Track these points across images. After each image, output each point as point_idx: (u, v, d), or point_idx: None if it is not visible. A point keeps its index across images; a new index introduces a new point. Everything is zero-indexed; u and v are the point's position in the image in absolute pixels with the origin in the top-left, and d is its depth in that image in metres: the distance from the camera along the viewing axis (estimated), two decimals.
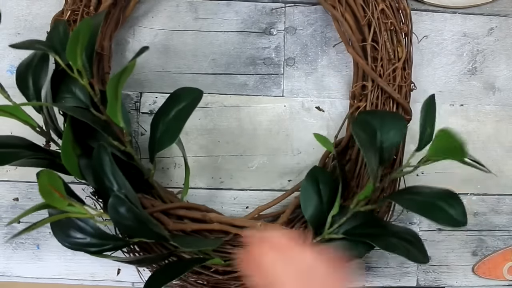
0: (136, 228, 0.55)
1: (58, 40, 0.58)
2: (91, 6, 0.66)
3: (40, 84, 0.59)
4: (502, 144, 0.77)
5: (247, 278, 0.43)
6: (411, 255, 0.58)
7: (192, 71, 0.74)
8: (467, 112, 0.77)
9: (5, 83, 0.59)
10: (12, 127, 0.67)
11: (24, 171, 0.72)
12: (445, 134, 0.50)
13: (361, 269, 0.75)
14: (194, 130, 0.74)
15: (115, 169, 0.56)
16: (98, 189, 0.59)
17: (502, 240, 0.77)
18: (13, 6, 0.73)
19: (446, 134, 0.50)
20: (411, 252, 0.58)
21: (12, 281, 0.73)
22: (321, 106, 0.75)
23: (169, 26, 0.75)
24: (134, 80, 0.73)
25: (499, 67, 0.77)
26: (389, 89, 0.66)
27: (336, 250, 0.63)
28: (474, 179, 0.76)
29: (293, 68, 0.75)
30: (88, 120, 0.55)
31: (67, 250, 0.70)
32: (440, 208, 0.55)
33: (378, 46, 0.67)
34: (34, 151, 0.59)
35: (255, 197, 0.74)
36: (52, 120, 0.61)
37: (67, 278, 0.73)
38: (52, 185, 0.50)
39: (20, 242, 0.73)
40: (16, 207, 0.73)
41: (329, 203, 0.64)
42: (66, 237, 0.57)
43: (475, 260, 0.77)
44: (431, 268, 0.76)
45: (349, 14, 0.68)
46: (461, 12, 0.77)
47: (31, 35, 0.73)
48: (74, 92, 0.59)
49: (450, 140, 0.50)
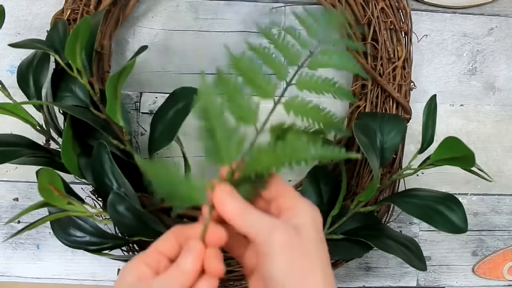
0: (135, 226, 0.55)
1: (57, 39, 0.59)
2: (91, 5, 0.66)
3: (40, 82, 0.60)
4: (502, 144, 0.77)
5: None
6: (410, 260, 0.58)
7: (192, 71, 0.74)
8: (467, 112, 0.77)
9: (5, 82, 0.59)
10: (12, 125, 0.68)
11: (24, 171, 0.72)
12: (452, 141, 0.51)
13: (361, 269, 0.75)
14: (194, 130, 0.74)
15: (115, 168, 0.56)
16: (98, 187, 0.59)
17: (502, 240, 0.76)
18: (13, 6, 0.73)
19: (454, 142, 0.50)
20: (410, 257, 0.58)
21: (12, 281, 0.73)
22: (321, 106, 0.75)
23: (169, 26, 0.75)
24: (134, 80, 0.73)
25: (499, 67, 0.77)
26: (389, 88, 0.66)
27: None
28: (474, 179, 0.75)
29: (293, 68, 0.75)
30: (88, 119, 0.56)
31: (67, 250, 0.70)
32: (440, 213, 0.56)
33: (378, 45, 0.68)
34: (34, 149, 0.59)
35: None
36: (52, 118, 0.61)
37: (67, 278, 0.73)
38: (51, 183, 0.50)
39: (20, 242, 0.73)
40: (16, 207, 0.73)
41: (330, 203, 0.64)
42: (65, 235, 0.57)
43: (475, 260, 0.76)
44: (431, 268, 0.76)
45: (349, 13, 0.69)
46: (461, 12, 0.77)
47: (31, 35, 0.73)
48: (74, 91, 0.59)
49: (458, 149, 0.50)
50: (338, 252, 0.63)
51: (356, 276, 0.75)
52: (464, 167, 0.55)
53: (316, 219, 0.36)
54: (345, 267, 0.73)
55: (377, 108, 0.68)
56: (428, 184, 0.75)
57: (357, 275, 0.75)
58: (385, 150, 0.61)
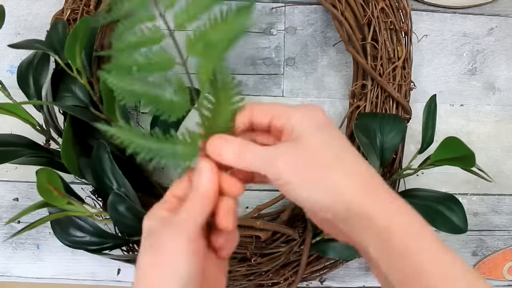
0: (135, 226, 0.55)
1: (57, 39, 0.59)
2: (91, 5, 0.66)
3: (40, 82, 0.60)
4: (502, 144, 0.77)
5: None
6: None
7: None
8: (467, 112, 0.77)
9: (5, 82, 0.59)
10: (13, 125, 0.68)
11: (24, 171, 0.72)
12: (452, 141, 0.51)
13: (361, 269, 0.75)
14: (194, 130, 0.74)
15: (115, 168, 0.56)
16: (98, 187, 0.59)
17: (502, 240, 0.76)
18: (13, 6, 0.73)
19: (454, 142, 0.50)
20: None
21: (12, 281, 0.73)
22: (321, 106, 0.75)
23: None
24: None
25: (499, 67, 0.77)
26: (389, 88, 0.66)
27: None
28: (474, 179, 0.76)
29: (293, 68, 0.75)
30: (88, 119, 0.56)
31: (67, 250, 0.70)
32: (440, 213, 0.56)
33: (378, 45, 0.68)
34: (34, 149, 0.59)
35: (255, 197, 0.74)
36: (52, 118, 0.61)
37: (67, 278, 0.73)
38: (50, 183, 0.50)
39: (20, 242, 0.73)
40: (16, 207, 0.73)
41: None
42: (66, 235, 0.57)
43: (475, 260, 0.76)
44: None
45: (349, 13, 0.68)
46: (461, 12, 0.77)
47: (31, 35, 0.73)
48: (74, 91, 0.59)
49: (458, 149, 0.50)
50: (338, 252, 0.63)
51: (356, 276, 0.75)
52: (464, 167, 0.55)
53: (312, 117, 0.34)
54: (345, 267, 0.73)
55: (377, 108, 0.68)
56: (428, 184, 0.75)
57: (357, 275, 0.75)
58: (385, 150, 0.61)
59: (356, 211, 0.31)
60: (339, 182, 0.31)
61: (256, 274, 0.66)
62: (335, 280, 0.74)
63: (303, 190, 0.32)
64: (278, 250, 0.67)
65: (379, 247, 0.30)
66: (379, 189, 0.32)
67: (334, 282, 0.75)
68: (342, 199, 0.31)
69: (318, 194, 0.31)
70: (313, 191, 0.32)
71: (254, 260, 0.66)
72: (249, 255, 0.66)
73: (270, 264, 0.66)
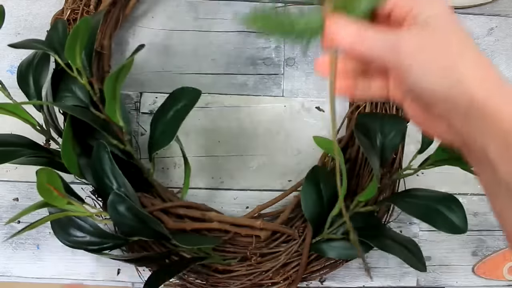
0: (135, 226, 0.55)
1: (57, 39, 0.59)
2: (91, 5, 0.66)
3: (41, 82, 0.60)
4: None
5: None
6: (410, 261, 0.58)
7: (192, 71, 0.74)
8: None
9: (5, 82, 0.59)
10: (13, 125, 0.67)
11: (24, 171, 0.72)
12: None
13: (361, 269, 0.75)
14: (194, 130, 0.74)
15: (115, 168, 0.56)
16: (98, 187, 0.59)
17: (502, 240, 0.76)
18: (13, 6, 0.73)
19: None
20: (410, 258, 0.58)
21: (12, 281, 0.73)
22: (321, 106, 0.75)
23: (169, 26, 0.75)
24: (134, 80, 0.73)
25: (499, 67, 0.77)
26: None
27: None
28: (474, 179, 0.76)
29: (293, 68, 0.75)
30: (88, 119, 0.56)
31: (67, 250, 0.70)
32: (440, 213, 0.56)
33: None
34: (34, 149, 0.59)
35: (255, 197, 0.74)
36: (52, 118, 0.61)
37: (67, 278, 0.73)
38: (50, 183, 0.50)
39: (20, 242, 0.73)
40: (16, 207, 0.73)
41: (330, 203, 0.64)
42: (66, 235, 0.57)
43: (475, 260, 0.76)
44: (431, 268, 0.76)
45: None
46: (461, 12, 0.77)
47: (31, 35, 0.73)
48: (74, 91, 0.59)
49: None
50: (338, 252, 0.63)
51: (356, 276, 0.75)
52: (464, 167, 0.55)
53: (437, 5, 0.31)
54: (345, 267, 0.73)
55: (377, 108, 0.68)
56: (428, 184, 0.75)
57: (357, 275, 0.75)
58: (385, 150, 0.61)
59: (480, 107, 0.28)
60: (466, 71, 0.29)
61: (256, 274, 0.66)
62: (335, 280, 0.74)
63: (425, 76, 0.30)
64: (278, 250, 0.67)
65: (501, 149, 0.28)
66: (505, 86, 0.29)
67: (334, 282, 0.75)
68: (467, 91, 0.29)
69: (441, 82, 0.29)
70: (436, 78, 0.30)
71: (254, 260, 0.66)
72: (249, 255, 0.66)
73: (270, 264, 0.66)
